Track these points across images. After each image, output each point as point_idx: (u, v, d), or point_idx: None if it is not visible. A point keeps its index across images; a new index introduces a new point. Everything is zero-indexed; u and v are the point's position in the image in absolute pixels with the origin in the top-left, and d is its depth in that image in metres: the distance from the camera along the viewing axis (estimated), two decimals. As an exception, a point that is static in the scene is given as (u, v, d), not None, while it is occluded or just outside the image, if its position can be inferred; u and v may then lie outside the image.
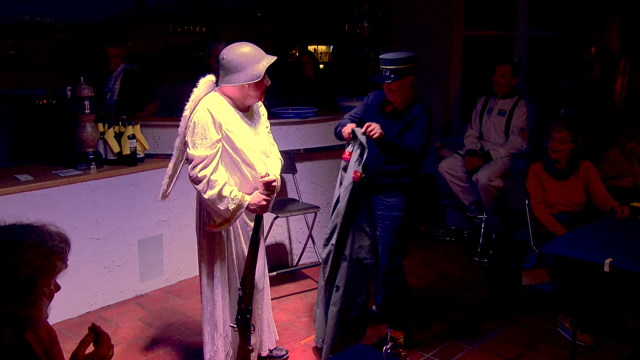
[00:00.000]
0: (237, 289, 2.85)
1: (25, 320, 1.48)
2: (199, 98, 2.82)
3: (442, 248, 5.05)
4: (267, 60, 2.82)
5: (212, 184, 2.75)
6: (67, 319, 3.80)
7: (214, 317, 3.01)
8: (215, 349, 3.04)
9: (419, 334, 3.65)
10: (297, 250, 4.74)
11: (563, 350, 3.42)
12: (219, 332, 3.02)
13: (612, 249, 3.09)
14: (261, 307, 3.18)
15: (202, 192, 2.79)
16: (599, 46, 4.50)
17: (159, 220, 4.24)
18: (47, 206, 3.66)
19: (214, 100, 2.81)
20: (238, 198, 2.80)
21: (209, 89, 2.87)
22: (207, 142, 2.74)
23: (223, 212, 2.81)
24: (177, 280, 4.42)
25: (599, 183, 3.86)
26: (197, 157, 2.74)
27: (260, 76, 2.78)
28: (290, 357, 3.39)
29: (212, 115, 2.75)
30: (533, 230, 3.89)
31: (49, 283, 1.51)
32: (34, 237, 1.48)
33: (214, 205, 2.79)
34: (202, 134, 2.74)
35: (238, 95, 2.85)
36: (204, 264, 3.01)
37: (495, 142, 4.85)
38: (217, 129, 2.76)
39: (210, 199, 2.76)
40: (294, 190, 4.55)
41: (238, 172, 2.86)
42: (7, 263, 1.43)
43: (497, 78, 4.79)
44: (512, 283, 4.25)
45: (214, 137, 2.75)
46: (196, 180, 2.77)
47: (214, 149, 2.76)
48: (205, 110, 2.76)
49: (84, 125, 3.86)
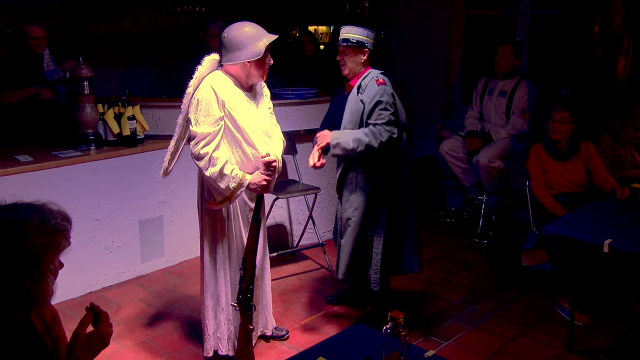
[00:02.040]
0: (239, 268, 2.87)
1: (34, 297, 1.51)
2: (202, 76, 2.82)
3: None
4: (267, 39, 2.82)
5: (213, 162, 2.76)
6: (69, 299, 3.83)
7: (217, 292, 3.04)
8: (218, 322, 3.07)
9: (418, 314, 3.67)
10: (297, 232, 4.76)
11: (561, 330, 3.45)
12: (221, 307, 3.05)
13: (611, 230, 3.10)
14: (264, 287, 3.20)
15: (203, 169, 2.79)
16: (603, 25, 4.45)
17: (160, 202, 4.24)
18: (47, 187, 3.66)
19: (217, 79, 2.82)
20: (239, 177, 2.81)
21: (212, 68, 2.87)
22: (210, 119, 2.75)
23: (224, 190, 2.82)
24: (178, 261, 4.44)
25: (600, 164, 3.86)
26: (199, 134, 2.75)
27: (260, 54, 2.78)
28: (291, 337, 3.42)
29: (215, 93, 2.76)
30: (533, 211, 3.89)
31: (53, 260, 1.53)
32: (37, 215, 1.50)
33: (215, 183, 2.80)
34: (206, 111, 2.75)
35: (241, 73, 2.85)
36: (206, 241, 3.03)
37: (496, 123, 4.83)
38: (220, 107, 2.77)
39: (211, 176, 2.77)
40: (295, 171, 4.55)
41: (239, 151, 2.86)
42: (12, 241, 1.45)
43: (499, 59, 4.75)
44: (511, 264, 4.28)
45: (217, 114, 2.76)
46: (198, 157, 2.78)
47: (217, 127, 2.77)
48: (209, 88, 2.76)
49: (83, 106, 3.84)
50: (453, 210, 5.56)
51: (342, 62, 3.25)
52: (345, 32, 3.23)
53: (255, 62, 2.80)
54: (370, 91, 3.17)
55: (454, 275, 4.28)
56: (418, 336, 3.41)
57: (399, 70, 6.20)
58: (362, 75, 3.25)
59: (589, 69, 4.58)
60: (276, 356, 3.22)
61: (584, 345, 3.32)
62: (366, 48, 3.22)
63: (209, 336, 3.11)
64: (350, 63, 3.23)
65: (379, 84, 3.18)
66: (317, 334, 3.45)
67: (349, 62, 3.23)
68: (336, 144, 3.15)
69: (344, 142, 3.13)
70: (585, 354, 3.22)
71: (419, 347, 2.14)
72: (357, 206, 3.27)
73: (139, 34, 5.43)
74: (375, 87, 3.17)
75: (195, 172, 3.08)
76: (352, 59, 3.22)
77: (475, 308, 3.77)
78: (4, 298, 1.47)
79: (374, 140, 3.11)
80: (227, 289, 3.04)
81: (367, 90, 3.18)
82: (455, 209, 5.58)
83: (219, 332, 3.08)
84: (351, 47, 3.19)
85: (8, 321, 1.49)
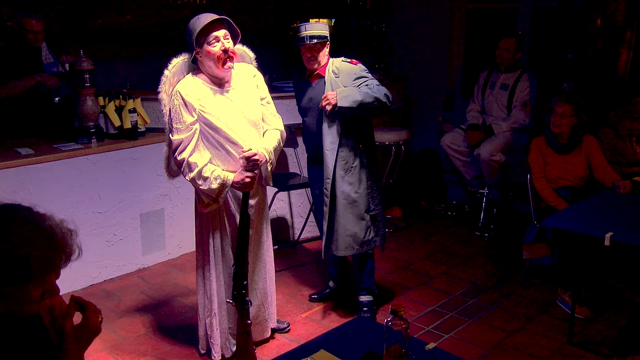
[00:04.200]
0: (232, 265, 2.86)
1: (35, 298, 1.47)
2: (169, 78, 2.81)
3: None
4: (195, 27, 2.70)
5: (191, 166, 2.76)
6: (70, 291, 3.84)
7: (210, 292, 3.02)
8: (210, 322, 3.06)
9: (419, 307, 3.68)
10: (298, 225, 4.76)
11: (562, 322, 3.46)
12: (213, 311, 3.03)
13: (613, 223, 3.09)
14: (268, 280, 3.21)
15: (184, 175, 2.80)
16: (605, 17, 4.43)
17: (161, 194, 4.25)
18: (49, 180, 3.66)
19: (185, 83, 2.78)
20: (221, 177, 2.78)
21: (182, 68, 2.85)
22: (182, 126, 2.74)
23: (208, 192, 2.81)
24: (179, 254, 4.45)
25: (601, 157, 3.85)
26: (174, 141, 2.76)
27: (192, 46, 2.72)
28: (292, 329, 3.43)
29: (183, 99, 2.73)
30: (534, 205, 3.89)
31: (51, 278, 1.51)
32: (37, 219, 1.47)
33: (197, 187, 2.80)
34: (177, 119, 2.74)
35: (204, 69, 2.80)
36: (199, 240, 3.03)
37: (497, 116, 4.82)
38: (189, 112, 2.74)
39: (192, 181, 2.78)
40: (296, 164, 4.54)
41: (222, 150, 2.83)
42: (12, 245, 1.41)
43: (501, 52, 4.73)
44: (512, 257, 4.29)
45: (188, 120, 2.74)
46: (178, 164, 2.80)
47: (190, 131, 2.75)
48: (177, 94, 2.75)
49: (85, 99, 3.83)
50: (454, 204, 5.56)
51: (312, 57, 3.32)
52: (310, 30, 3.29)
53: (205, 53, 2.72)
54: (349, 71, 3.30)
55: (455, 268, 4.29)
56: (419, 329, 3.42)
57: (400, 63, 6.19)
58: (328, 64, 3.35)
59: (591, 61, 4.56)
60: (277, 349, 3.23)
61: (584, 337, 3.32)
62: (328, 41, 3.35)
63: (201, 336, 3.14)
64: (321, 57, 3.33)
65: (355, 63, 3.33)
66: (318, 326, 3.46)
67: (320, 56, 3.32)
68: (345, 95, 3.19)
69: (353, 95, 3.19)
70: (585, 347, 3.23)
71: (420, 339, 2.14)
72: (354, 182, 3.32)
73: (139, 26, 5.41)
74: (353, 66, 3.32)
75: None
76: (321, 53, 3.33)
77: (476, 301, 3.78)
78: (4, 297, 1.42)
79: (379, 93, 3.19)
80: (219, 290, 3.02)
81: (344, 71, 3.29)
82: (456, 202, 5.58)
83: (211, 338, 3.07)
84: (320, 43, 3.28)
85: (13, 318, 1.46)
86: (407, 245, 4.69)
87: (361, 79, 3.27)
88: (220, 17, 2.74)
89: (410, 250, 4.60)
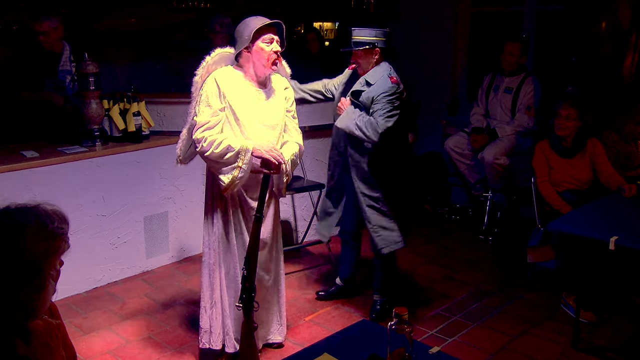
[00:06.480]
0: (241, 268, 2.86)
1: (35, 306, 1.46)
2: (209, 65, 2.86)
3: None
4: (255, 24, 2.79)
5: (212, 141, 2.75)
6: (74, 294, 3.85)
7: (212, 286, 3.03)
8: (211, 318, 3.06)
9: (423, 311, 3.67)
10: (302, 228, 4.76)
11: (567, 327, 3.44)
12: (213, 301, 3.04)
13: (618, 227, 3.08)
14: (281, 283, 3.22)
15: (203, 152, 2.77)
16: (610, 21, 4.43)
17: (165, 197, 4.25)
18: (53, 182, 3.67)
19: (223, 72, 2.87)
20: (240, 143, 2.77)
21: (223, 61, 2.91)
22: (209, 110, 2.79)
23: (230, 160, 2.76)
24: (183, 256, 4.45)
25: (606, 161, 3.84)
26: (199, 122, 2.79)
27: (247, 41, 2.78)
28: (296, 332, 3.42)
29: (217, 85, 2.81)
30: (538, 208, 3.88)
31: (54, 265, 1.49)
32: (35, 220, 1.44)
33: (218, 158, 2.76)
34: (206, 102, 2.80)
35: (248, 65, 2.88)
36: (206, 238, 3.03)
37: (501, 119, 4.82)
38: (220, 98, 2.81)
39: (212, 155, 2.75)
40: (299, 168, 4.54)
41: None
42: (11, 249, 1.40)
43: (506, 55, 4.73)
44: (516, 261, 4.27)
45: (217, 105, 2.80)
46: (197, 141, 2.79)
47: (217, 117, 2.80)
48: (212, 80, 2.82)
49: (89, 102, 3.84)
50: (458, 207, 5.55)
51: (355, 63, 3.32)
52: (355, 35, 3.27)
53: (254, 52, 2.82)
54: (379, 89, 3.22)
55: (459, 272, 4.28)
56: (423, 332, 3.41)
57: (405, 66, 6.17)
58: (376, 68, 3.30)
59: (596, 65, 4.55)
60: (281, 352, 3.22)
61: (589, 342, 3.31)
62: (377, 47, 3.26)
63: (202, 330, 3.12)
64: (365, 64, 3.31)
65: (393, 81, 3.24)
66: (322, 329, 3.46)
67: (363, 63, 3.30)
68: (344, 117, 3.25)
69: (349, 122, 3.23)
70: (590, 352, 3.21)
71: (424, 343, 2.14)
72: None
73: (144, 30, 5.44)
74: (384, 86, 3.22)
75: (200, 169, 3.08)
76: (365, 60, 3.29)
77: (480, 305, 3.77)
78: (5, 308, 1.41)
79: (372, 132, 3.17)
80: (222, 285, 3.03)
81: (375, 87, 3.23)
82: (460, 205, 5.57)
83: (211, 327, 3.08)
84: (363, 50, 3.25)
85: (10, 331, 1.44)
86: (411, 249, 4.68)
87: (376, 106, 3.19)
88: (278, 21, 2.86)
89: (414, 253, 4.59)
